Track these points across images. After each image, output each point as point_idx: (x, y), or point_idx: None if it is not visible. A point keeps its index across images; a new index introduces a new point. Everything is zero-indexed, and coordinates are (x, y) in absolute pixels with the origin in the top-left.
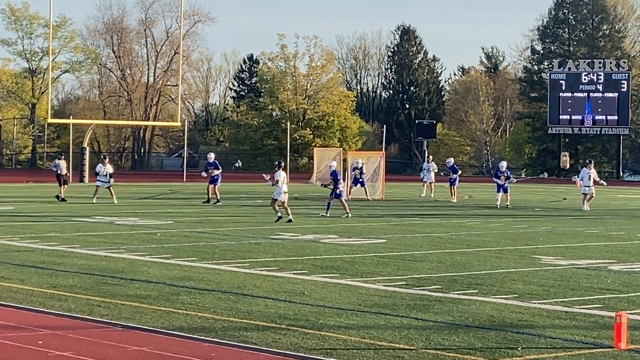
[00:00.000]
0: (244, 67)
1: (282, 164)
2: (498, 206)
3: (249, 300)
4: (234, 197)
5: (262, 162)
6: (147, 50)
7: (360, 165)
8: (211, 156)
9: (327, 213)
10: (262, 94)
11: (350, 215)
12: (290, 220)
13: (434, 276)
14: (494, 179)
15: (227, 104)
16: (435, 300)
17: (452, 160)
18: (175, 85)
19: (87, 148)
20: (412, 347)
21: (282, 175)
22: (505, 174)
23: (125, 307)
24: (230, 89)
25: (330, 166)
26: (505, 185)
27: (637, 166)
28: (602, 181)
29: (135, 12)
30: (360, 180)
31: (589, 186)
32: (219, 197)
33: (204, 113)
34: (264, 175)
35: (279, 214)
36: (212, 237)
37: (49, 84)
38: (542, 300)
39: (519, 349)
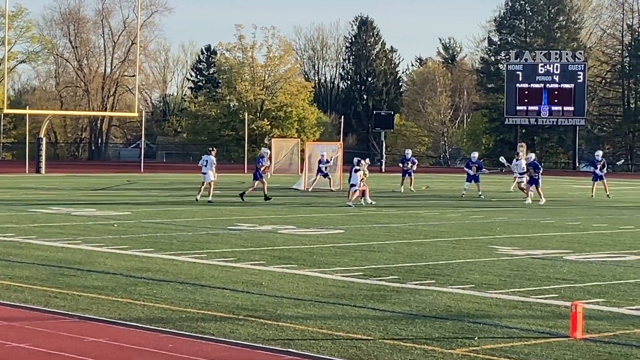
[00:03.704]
0: (201, 57)
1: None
2: (463, 195)
3: (206, 291)
4: (192, 187)
5: (220, 152)
6: (104, 41)
7: (325, 158)
8: (266, 152)
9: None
10: (219, 84)
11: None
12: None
13: (392, 266)
14: (465, 168)
15: (184, 95)
16: (392, 290)
17: (410, 151)
18: (133, 76)
19: (44, 139)
20: (369, 337)
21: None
22: (477, 164)
23: (82, 298)
24: (188, 79)
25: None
26: (477, 175)
27: (593, 157)
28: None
29: (92, 2)
30: (325, 172)
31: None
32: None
33: (162, 104)
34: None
35: None
36: (169, 228)
37: (5, 74)
38: (498, 290)
39: (475, 338)
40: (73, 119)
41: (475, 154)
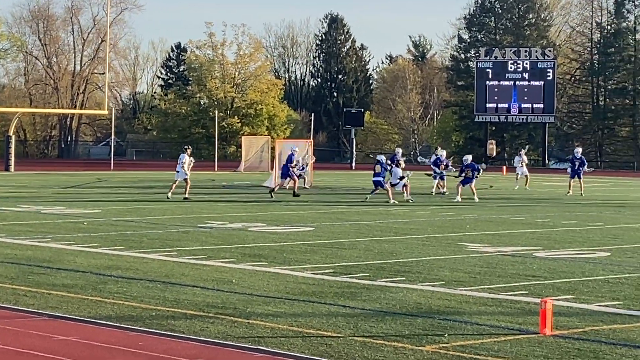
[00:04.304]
0: (171, 55)
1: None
2: (433, 193)
3: (176, 289)
4: (163, 185)
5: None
6: (74, 38)
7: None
8: (295, 150)
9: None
10: (190, 82)
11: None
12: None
13: (362, 264)
14: (432, 166)
15: (154, 92)
16: (362, 287)
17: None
18: (103, 73)
19: (13, 137)
20: (339, 335)
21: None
22: (445, 163)
23: (52, 296)
24: (158, 77)
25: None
26: (443, 173)
27: (562, 154)
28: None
29: (61, 0)
30: (301, 174)
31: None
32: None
33: (132, 101)
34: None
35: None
36: (139, 226)
37: None
38: (468, 287)
39: (445, 335)
40: (42, 117)
41: (444, 152)
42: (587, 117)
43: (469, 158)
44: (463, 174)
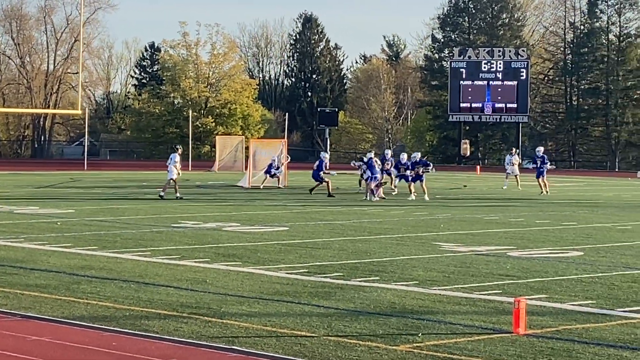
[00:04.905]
0: (145, 54)
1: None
2: (395, 192)
3: (150, 289)
4: (136, 185)
5: (163, 150)
6: (47, 38)
7: (276, 164)
8: (325, 156)
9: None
10: (163, 81)
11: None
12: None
13: (336, 263)
14: (393, 169)
15: (128, 92)
16: (337, 287)
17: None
18: (76, 73)
19: None
20: (313, 335)
21: None
22: (406, 165)
23: (25, 296)
24: (132, 76)
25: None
26: (407, 175)
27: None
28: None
29: None
30: (276, 173)
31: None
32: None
33: (105, 101)
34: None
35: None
36: (113, 226)
37: None
38: (442, 287)
39: (419, 335)
40: (15, 117)
41: (404, 155)
42: (560, 117)
43: (417, 155)
44: (412, 172)
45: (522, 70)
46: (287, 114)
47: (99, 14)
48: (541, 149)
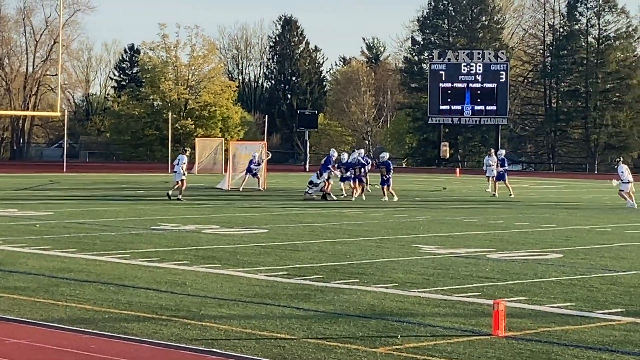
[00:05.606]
0: (124, 56)
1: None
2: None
3: (129, 291)
4: (116, 187)
5: (143, 152)
6: (26, 39)
7: (257, 159)
8: (362, 152)
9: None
10: (143, 83)
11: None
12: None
13: (316, 266)
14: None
15: (108, 94)
16: (316, 289)
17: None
18: (55, 75)
19: None
20: (293, 337)
21: None
22: (346, 165)
23: (3, 299)
24: (111, 78)
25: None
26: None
27: (515, 156)
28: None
29: (13, 1)
30: (254, 171)
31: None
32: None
33: (85, 103)
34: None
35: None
36: (92, 228)
37: None
38: (422, 289)
39: (398, 337)
40: None
41: (345, 155)
42: (539, 119)
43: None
44: (352, 171)
45: (501, 72)
46: (266, 116)
47: (78, 15)
48: (502, 151)
